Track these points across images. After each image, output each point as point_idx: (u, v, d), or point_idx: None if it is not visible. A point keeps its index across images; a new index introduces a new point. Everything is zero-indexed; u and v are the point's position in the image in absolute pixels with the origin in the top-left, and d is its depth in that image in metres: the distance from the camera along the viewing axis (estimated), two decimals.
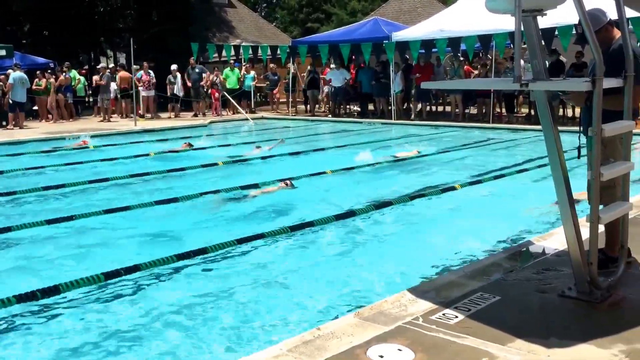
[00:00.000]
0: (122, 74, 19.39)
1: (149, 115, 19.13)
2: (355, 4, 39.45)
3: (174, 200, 7.49)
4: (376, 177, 9.19)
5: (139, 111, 18.54)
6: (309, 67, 20.29)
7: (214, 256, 5.33)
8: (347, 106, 20.17)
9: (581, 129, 4.27)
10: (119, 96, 19.21)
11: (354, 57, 19.08)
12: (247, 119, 18.38)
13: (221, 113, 19.94)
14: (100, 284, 4.67)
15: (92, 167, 10.41)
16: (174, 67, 19.47)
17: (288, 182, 8.06)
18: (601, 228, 3.77)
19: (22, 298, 4.32)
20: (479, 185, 8.30)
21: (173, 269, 5.05)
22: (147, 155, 11.62)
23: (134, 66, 17.94)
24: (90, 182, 8.78)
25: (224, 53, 20.25)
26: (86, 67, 22.63)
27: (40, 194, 8.16)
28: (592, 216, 3.63)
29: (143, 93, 18.96)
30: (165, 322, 4.09)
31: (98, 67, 20.84)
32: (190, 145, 12.48)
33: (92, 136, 14.16)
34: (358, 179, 8.97)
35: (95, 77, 19.30)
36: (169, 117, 19.24)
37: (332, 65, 18.93)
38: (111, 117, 18.63)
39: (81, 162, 10.74)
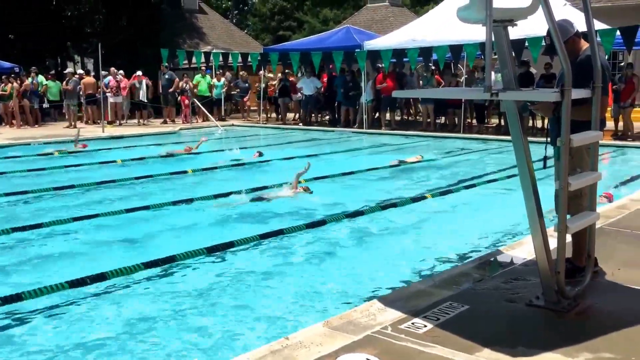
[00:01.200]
0: (87, 79, 19.12)
1: (117, 122, 18.92)
2: (327, 12, 39.65)
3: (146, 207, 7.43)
4: (349, 187, 9.19)
5: (107, 117, 18.33)
6: (279, 75, 20.29)
7: (182, 265, 5.27)
8: (319, 115, 20.22)
9: (548, 139, 4.34)
10: (83, 102, 18.96)
11: (324, 65, 19.11)
12: (217, 127, 18.27)
13: (191, 120, 19.81)
14: (64, 292, 4.58)
15: (59, 172, 10.28)
16: (138, 72, 19.29)
17: (306, 187, 8.30)
18: (568, 238, 3.83)
19: None
20: (449, 194, 8.37)
21: (140, 278, 4.98)
22: (115, 161, 11.50)
23: (102, 72, 17.74)
24: (56, 188, 8.67)
25: (194, 59, 20.15)
26: (52, 72, 22.26)
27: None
28: (559, 226, 3.68)
29: (111, 99, 18.73)
30: (130, 332, 4.02)
31: (65, 72, 20.52)
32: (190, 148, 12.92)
33: (60, 142, 13.99)
34: (330, 188, 8.96)
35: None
36: (137, 124, 19.03)
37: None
38: (77, 123, 18.34)
39: (44, 169, 10.56)
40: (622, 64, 15.48)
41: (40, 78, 18.98)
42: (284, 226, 6.43)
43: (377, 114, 18.60)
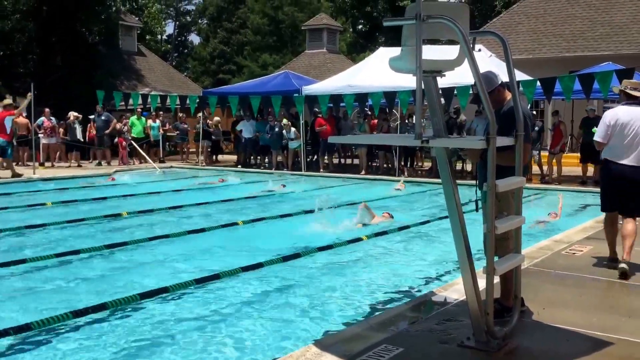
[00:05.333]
0: (20, 120, 18.54)
1: (49, 164, 18.35)
2: (267, 57, 40.18)
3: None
4: (284, 229, 9.14)
5: (39, 159, 17.75)
6: (200, 119, 20.27)
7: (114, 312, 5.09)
8: (258, 157, 20.21)
9: (477, 183, 4.50)
10: (14, 143, 18.32)
11: (263, 109, 19.22)
12: (154, 168, 17.96)
13: (128, 162, 19.44)
14: None
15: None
16: (72, 113, 18.90)
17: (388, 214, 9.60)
18: (496, 279, 3.93)
19: None
20: (384, 236, 8.46)
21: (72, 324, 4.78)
22: (44, 204, 11.10)
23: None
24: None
25: (131, 101, 19.87)
26: None
27: None
28: (488, 268, 3.78)
29: (44, 140, 18.20)
30: None
31: None
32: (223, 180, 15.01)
33: None
34: (269, 230, 8.93)
35: None
36: (69, 166, 18.49)
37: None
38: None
39: None
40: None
41: None
42: (220, 270, 6.33)
43: (315, 157, 18.82)
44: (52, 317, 4.76)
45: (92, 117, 19.61)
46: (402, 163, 16.91)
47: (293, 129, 17.94)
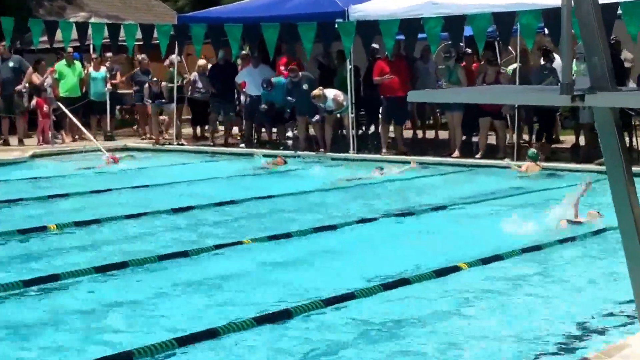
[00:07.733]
0: None
1: None
2: None
3: None
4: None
5: None
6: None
7: None
8: (272, 129, 20.29)
9: None
10: None
11: (282, 47, 19.15)
12: (100, 151, 17.63)
13: (53, 140, 19.47)
14: None
15: None
16: None
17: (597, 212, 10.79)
18: None
19: None
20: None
21: None
22: None
23: None
24: None
25: (58, 35, 20.13)
26: None
27: None
28: None
29: None
30: None
31: None
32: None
33: None
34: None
35: None
36: None
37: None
38: None
39: None
40: None
41: None
42: None
43: (371, 128, 18.79)
44: None
45: None
46: (530, 139, 16.76)
47: (331, 95, 17.39)
